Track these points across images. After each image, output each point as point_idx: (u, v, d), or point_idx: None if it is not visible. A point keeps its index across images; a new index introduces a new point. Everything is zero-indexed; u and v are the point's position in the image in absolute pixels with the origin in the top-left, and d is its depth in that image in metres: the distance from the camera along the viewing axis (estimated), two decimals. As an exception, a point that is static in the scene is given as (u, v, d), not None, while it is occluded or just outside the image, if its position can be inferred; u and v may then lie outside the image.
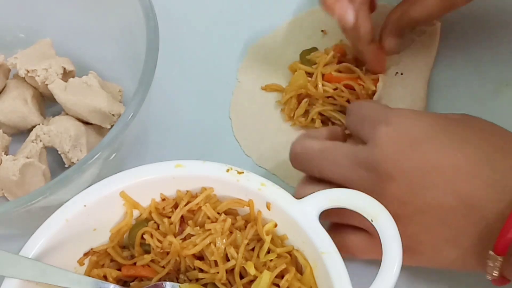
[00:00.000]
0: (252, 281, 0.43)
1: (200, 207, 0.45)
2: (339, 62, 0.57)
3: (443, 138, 0.43)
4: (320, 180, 0.45)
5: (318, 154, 0.45)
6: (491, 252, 0.40)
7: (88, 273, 0.45)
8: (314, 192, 0.43)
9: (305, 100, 0.56)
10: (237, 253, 0.43)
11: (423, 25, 0.57)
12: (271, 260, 0.43)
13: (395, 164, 0.42)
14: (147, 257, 0.45)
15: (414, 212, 0.42)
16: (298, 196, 0.44)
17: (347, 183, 0.43)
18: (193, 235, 0.44)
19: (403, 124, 0.43)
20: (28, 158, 0.51)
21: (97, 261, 0.45)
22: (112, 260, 0.46)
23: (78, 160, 0.52)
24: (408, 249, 0.41)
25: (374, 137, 0.43)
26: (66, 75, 0.55)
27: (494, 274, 0.40)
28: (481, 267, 0.42)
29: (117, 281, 0.45)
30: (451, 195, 0.41)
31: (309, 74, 0.57)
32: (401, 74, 0.57)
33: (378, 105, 0.47)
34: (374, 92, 0.55)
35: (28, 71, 0.54)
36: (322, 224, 0.42)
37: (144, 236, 0.45)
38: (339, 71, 0.56)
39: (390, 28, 0.55)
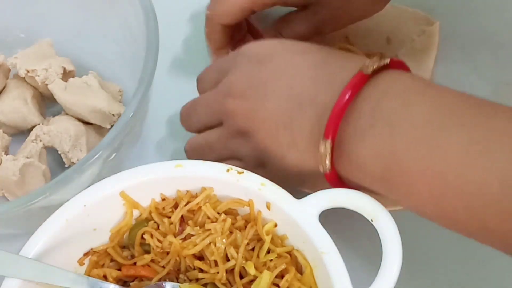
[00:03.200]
0: (252, 281, 0.43)
1: (200, 207, 0.45)
2: None
3: (287, 51, 0.46)
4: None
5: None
6: (322, 139, 0.41)
7: (88, 273, 0.45)
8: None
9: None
10: (237, 253, 0.43)
11: None
12: (271, 260, 0.43)
13: (244, 81, 0.46)
14: (147, 257, 0.45)
15: (260, 123, 0.45)
16: (188, 150, 0.50)
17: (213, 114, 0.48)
18: (193, 235, 0.44)
19: (253, 48, 0.47)
20: (28, 158, 0.51)
21: (97, 261, 0.45)
22: (112, 260, 0.46)
23: (78, 160, 0.52)
24: (265, 163, 0.45)
25: (231, 67, 0.47)
26: (66, 75, 0.55)
27: (326, 163, 0.41)
28: (317, 167, 0.43)
29: (117, 281, 0.45)
30: (289, 98, 0.44)
31: None
32: None
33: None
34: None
35: (28, 71, 0.54)
36: (322, 224, 0.42)
37: (144, 236, 0.45)
38: None
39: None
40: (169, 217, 0.45)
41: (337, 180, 0.43)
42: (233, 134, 0.47)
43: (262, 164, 0.45)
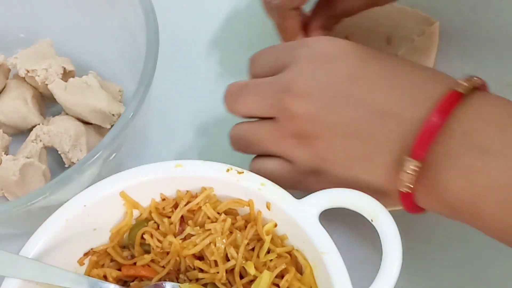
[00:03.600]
0: (252, 281, 0.43)
1: (200, 207, 0.45)
2: None
3: (360, 54, 0.43)
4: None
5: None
6: (407, 158, 0.38)
7: (88, 273, 0.45)
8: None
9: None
10: (237, 253, 0.43)
11: (345, 16, 0.55)
12: (271, 260, 0.43)
13: (310, 79, 0.42)
14: (147, 257, 0.45)
15: (325, 129, 0.41)
16: (233, 136, 0.47)
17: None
18: (193, 235, 0.44)
19: (321, 44, 0.44)
20: (28, 158, 0.51)
21: (97, 261, 0.45)
22: (112, 260, 0.46)
23: (78, 160, 0.52)
24: (322, 172, 0.42)
25: (292, 59, 0.43)
26: (66, 75, 0.55)
27: (408, 184, 0.39)
28: (391, 185, 0.40)
29: (117, 281, 0.45)
30: (366, 106, 0.41)
31: None
32: None
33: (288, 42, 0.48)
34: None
35: (28, 71, 0.54)
36: (322, 224, 0.42)
37: (144, 236, 0.45)
38: None
39: (317, 21, 0.53)
40: (169, 217, 0.45)
41: (412, 203, 0.41)
42: (288, 134, 0.43)
43: (316, 171, 0.42)
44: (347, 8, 0.52)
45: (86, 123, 0.54)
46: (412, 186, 0.39)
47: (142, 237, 0.45)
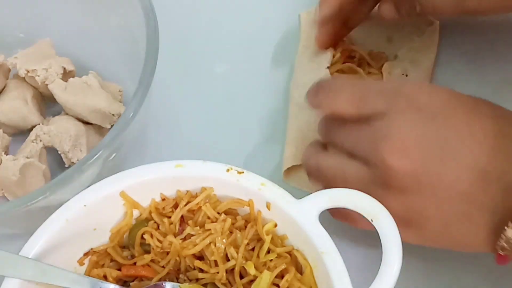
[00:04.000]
0: (252, 281, 0.43)
1: (200, 207, 0.45)
2: (344, 63, 0.57)
3: (464, 108, 0.42)
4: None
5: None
6: (511, 224, 0.39)
7: (88, 273, 0.45)
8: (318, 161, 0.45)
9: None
10: (237, 253, 0.43)
11: (424, 14, 0.54)
12: (271, 260, 0.43)
13: (411, 135, 0.41)
14: (147, 257, 0.45)
15: (426, 185, 0.40)
16: (313, 170, 0.46)
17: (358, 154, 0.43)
18: (193, 235, 0.44)
19: (422, 95, 0.42)
20: (28, 158, 0.51)
21: (97, 261, 0.45)
22: (112, 260, 0.46)
23: (78, 160, 0.52)
24: (414, 225, 0.41)
25: (390, 108, 0.42)
26: (66, 75, 0.55)
27: (508, 250, 0.39)
28: (489, 245, 0.41)
29: (117, 281, 0.45)
30: (469, 167, 0.40)
31: None
32: (406, 75, 0.57)
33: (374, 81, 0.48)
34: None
35: (28, 71, 0.54)
36: (322, 224, 0.42)
37: (144, 236, 0.45)
38: (342, 71, 0.56)
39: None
40: (169, 217, 0.45)
41: (507, 261, 0.41)
42: (379, 183, 0.42)
43: (406, 224, 0.41)
44: (431, 8, 0.50)
45: (86, 123, 0.54)
46: (509, 250, 0.39)
47: (142, 237, 0.45)
